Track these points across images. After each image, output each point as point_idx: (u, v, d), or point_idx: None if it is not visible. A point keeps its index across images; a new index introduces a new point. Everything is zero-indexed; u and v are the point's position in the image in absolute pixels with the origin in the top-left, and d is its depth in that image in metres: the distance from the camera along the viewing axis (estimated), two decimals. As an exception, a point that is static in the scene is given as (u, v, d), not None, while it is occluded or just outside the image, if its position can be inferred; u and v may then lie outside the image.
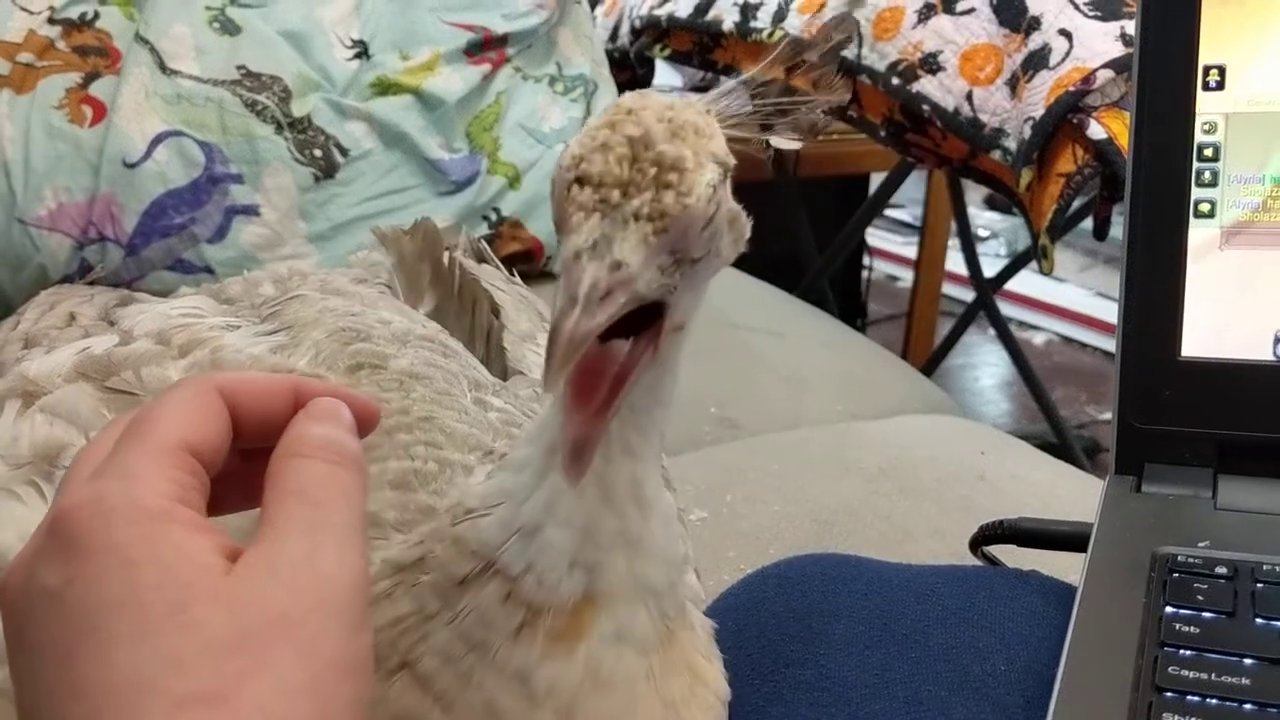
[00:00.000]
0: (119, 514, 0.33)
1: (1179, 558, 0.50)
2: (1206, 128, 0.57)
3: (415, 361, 0.66)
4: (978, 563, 0.62)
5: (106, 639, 0.31)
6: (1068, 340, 2.83)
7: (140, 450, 0.35)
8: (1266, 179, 0.56)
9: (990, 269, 2.14)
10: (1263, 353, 0.56)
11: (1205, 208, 0.57)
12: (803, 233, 1.92)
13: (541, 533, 0.39)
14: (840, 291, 2.37)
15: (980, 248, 3.24)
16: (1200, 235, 0.57)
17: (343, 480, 0.36)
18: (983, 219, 3.21)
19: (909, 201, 2.95)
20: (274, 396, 0.39)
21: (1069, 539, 0.56)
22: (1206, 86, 0.57)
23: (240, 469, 0.39)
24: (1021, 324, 2.97)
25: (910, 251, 2.63)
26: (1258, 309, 0.56)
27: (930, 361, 2.25)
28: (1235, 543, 0.51)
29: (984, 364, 2.69)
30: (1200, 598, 0.47)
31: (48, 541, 0.33)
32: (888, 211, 3.10)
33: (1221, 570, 0.49)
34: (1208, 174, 0.57)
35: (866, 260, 2.57)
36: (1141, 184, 0.58)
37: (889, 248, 3.28)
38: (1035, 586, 0.55)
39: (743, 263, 0.42)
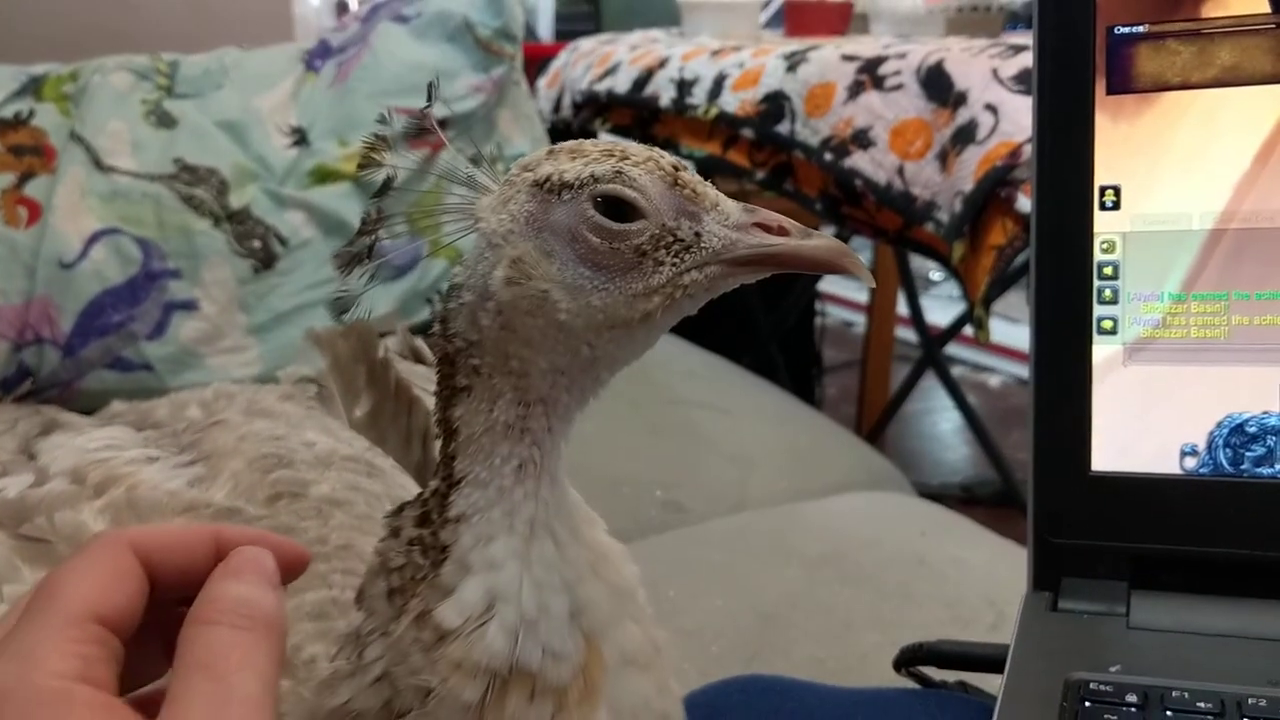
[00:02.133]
0: (14, 699, 0.32)
1: (1090, 684, 0.50)
2: (1105, 246, 0.58)
3: (337, 486, 0.66)
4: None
5: None
6: (1023, 382, 2.85)
7: (42, 625, 0.34)
8: (1165, 296, 0.57)
9: (944, 312, 2.16)
10: (1170, 466, 0.57)
11: (1108, 324, 0.58)
12: (749, 291, 1.94)
13: (548, 613, 0.40)
14: (794, 340, 2.38)
15: (934, 291, 3.28)
16: (1104, 352, 0.58)
17: (248, 648, 0.35)
18: (935, 263, 3.23)
19: (860, 247, 2.97)
20: (192, 548, 0.38)
21: (986, 661, 0.57)
22: (1103, 206, 0.58)
23: (175, 615, 0.38)
24: (976, 367, 3.00)
25: (863, 297, 2.65)
26: (1163, 424, 0.57)
27: (886, 411, 2.27)
28: (1147, 665, 0.52)
29: (941, 408, 2.71)
30: (1110, 730, 0.48)
31: None
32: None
33: (1131, 698, 0.49)
34: (1108, 291, 0.58)
35: (819, 307, 2.59)
36: (1046, 302, 0.58)
37: (842, 293, 3.30)
38: (955, 712, 0.56)
39: (690, 326, 0.45)
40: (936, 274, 3.26)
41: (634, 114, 1.50)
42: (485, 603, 0.39)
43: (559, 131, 1.62)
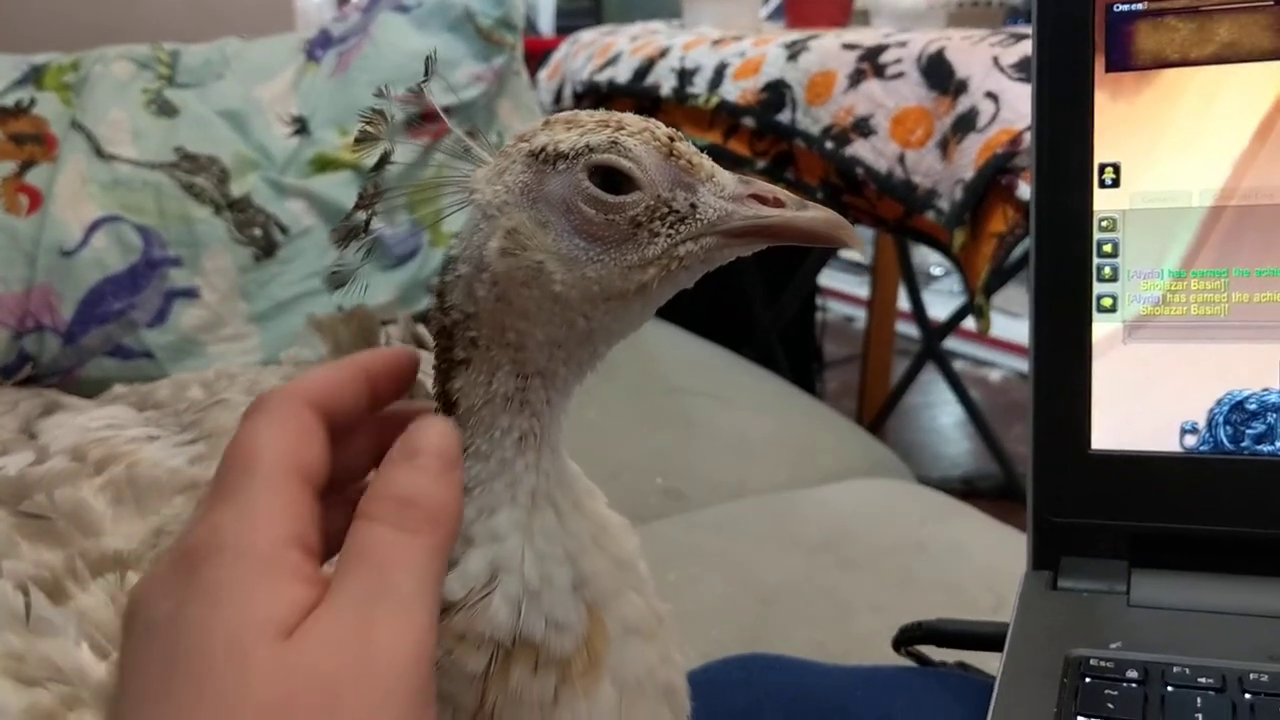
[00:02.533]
0: (230, 556, 0.32)
1: (1091, 661, 0.50)
2: (1105, 224, 0.58)
3: None
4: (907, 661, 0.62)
5: (174, 684, 0.31)
6: (1023, 376, 2.85)
7: (257, 483, 0.34)
8: (1164, 273, 0.57)
9: (944, 306, 2.15)
10: (1170, 444, 0.57)
11: (1107, 302, 0.58)
12: (750, 283, 1.94)
13: (550, 584, 0.40)
14: (795, 335, 2.38)
15: (934, 285, 3.28)
16: (1103, 330, 0.58)
17: (410, 548, 0.35)
18: (936, 257, 3.24)
19: (861, 236, 2.98)
20: (347, 390, 0.39)
21: (986, 640, 0.57)
22: (1103, 184, 0.58)
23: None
24: (977, 361, 3.00)
25: (864, 291, 2.65)
26: (1162, 401, 0.57)
27: (886, 404, 2.27)
28: (1147, 642, 0.52)
29: (942, 402, 2.71)
30: (1110, 705, 0.48)
31: (170, 570, 0.33)
32: (840, 252, 3.12)
33: (1132, 674, 0.49)
34: (1108, 269, 0.58)
35: (820, 302, 2.59)
36: (1045, 281, 0.58)
37: (843, 288, 3.30)
38: (954, 689, 0.56)
39: (691, 318, 0.45)
40: (937, 268, 3.26)
41: (635, 104, 1.50)
42: (488, 574, 0.40)
43: (559, 123, 1.62)
